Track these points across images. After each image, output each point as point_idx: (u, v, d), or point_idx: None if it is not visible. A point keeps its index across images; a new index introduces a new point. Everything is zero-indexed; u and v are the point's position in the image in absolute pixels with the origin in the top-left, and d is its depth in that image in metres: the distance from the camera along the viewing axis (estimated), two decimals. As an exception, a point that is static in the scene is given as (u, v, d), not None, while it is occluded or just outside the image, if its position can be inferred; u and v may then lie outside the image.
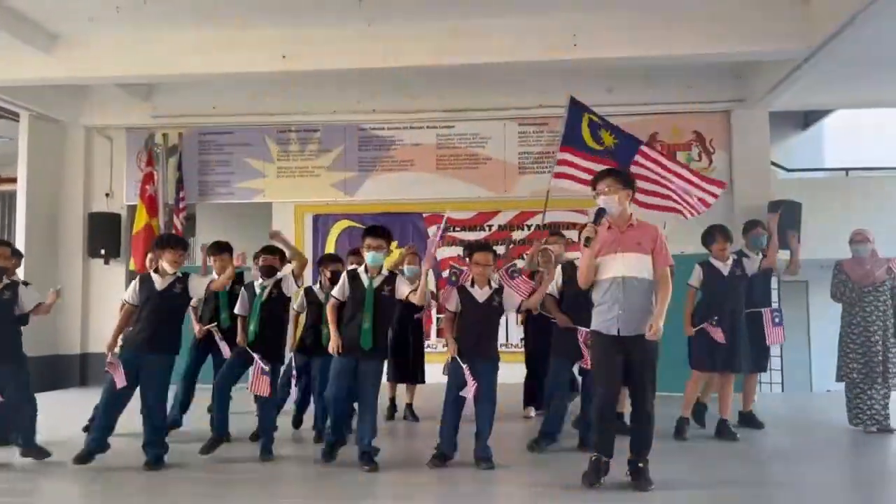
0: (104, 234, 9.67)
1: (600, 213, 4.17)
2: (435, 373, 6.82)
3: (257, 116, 9.79)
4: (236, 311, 5.18)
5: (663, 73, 8.93)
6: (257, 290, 5.11)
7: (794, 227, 8.19)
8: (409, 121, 9.71)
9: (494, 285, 4.79)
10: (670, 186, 6.53)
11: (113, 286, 9.78)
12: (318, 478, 4.61)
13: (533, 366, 6.40)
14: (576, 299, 4.90)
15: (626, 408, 5.26)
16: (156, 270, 4.85)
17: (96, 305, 9.83)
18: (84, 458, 4.59)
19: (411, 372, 6.58)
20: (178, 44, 7.75)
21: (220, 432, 5.06)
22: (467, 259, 4.95)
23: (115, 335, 4.83)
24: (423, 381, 6.68)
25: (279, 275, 5.19)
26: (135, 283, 4.87)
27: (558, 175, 6.84)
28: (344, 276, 4.81)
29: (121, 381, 4.54)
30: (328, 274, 5.62)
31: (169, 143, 9.75)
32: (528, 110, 9.52)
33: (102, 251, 9.62)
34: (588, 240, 4.09)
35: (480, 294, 4.72)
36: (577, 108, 7.11)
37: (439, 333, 8.56)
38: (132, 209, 9.91)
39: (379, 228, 4.81)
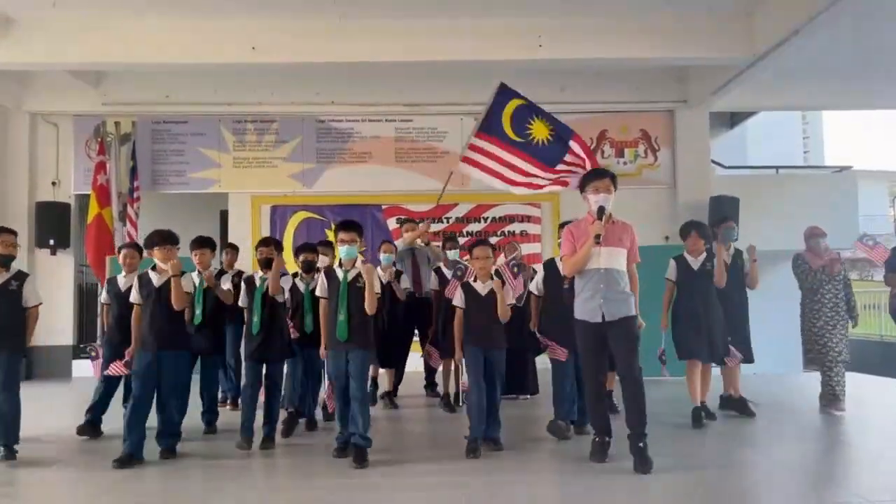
0: (52, 224, 9.36)
1: (602, 210, 4.51)
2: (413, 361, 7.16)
3: (212, 106, 9.68)
4: (241, 303, 5.24)
5: (613, 75, 9.41)
6: (258, 283, 5.21)
7: (735, 220, 8.87)
8: (367, 114, 9.85)
9: (497, 279, 5.03)
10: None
11: (60, 277, 9.54)
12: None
13: None
14: (557, 305, 5.18)
15: (613, 385, 5.65)
16: (153, 268, 4.90)
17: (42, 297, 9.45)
18: (125, 461, 4.56)
19: (393, 358, 6.77)
20: (145, 32, 7.63)
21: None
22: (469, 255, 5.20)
23: (136, 338, 4.84)
24: (392, 367, 6.85)
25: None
26: (136, 283, 4.93)
27: (465, 159, 6.64)
28: (322, 275, 4.93)
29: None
30: (300, 263, 5.76)
31: (121, 131, 9.50)
32: (484, 106, 9.78)
33: (51, 241, 9.32)
34: (598, 236, 4.45)
35: (483, 288, 4.98)
36: (503, 96, 6.84)
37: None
38: (80, 198, 9.66)
39: (350, 223, 4.87)
